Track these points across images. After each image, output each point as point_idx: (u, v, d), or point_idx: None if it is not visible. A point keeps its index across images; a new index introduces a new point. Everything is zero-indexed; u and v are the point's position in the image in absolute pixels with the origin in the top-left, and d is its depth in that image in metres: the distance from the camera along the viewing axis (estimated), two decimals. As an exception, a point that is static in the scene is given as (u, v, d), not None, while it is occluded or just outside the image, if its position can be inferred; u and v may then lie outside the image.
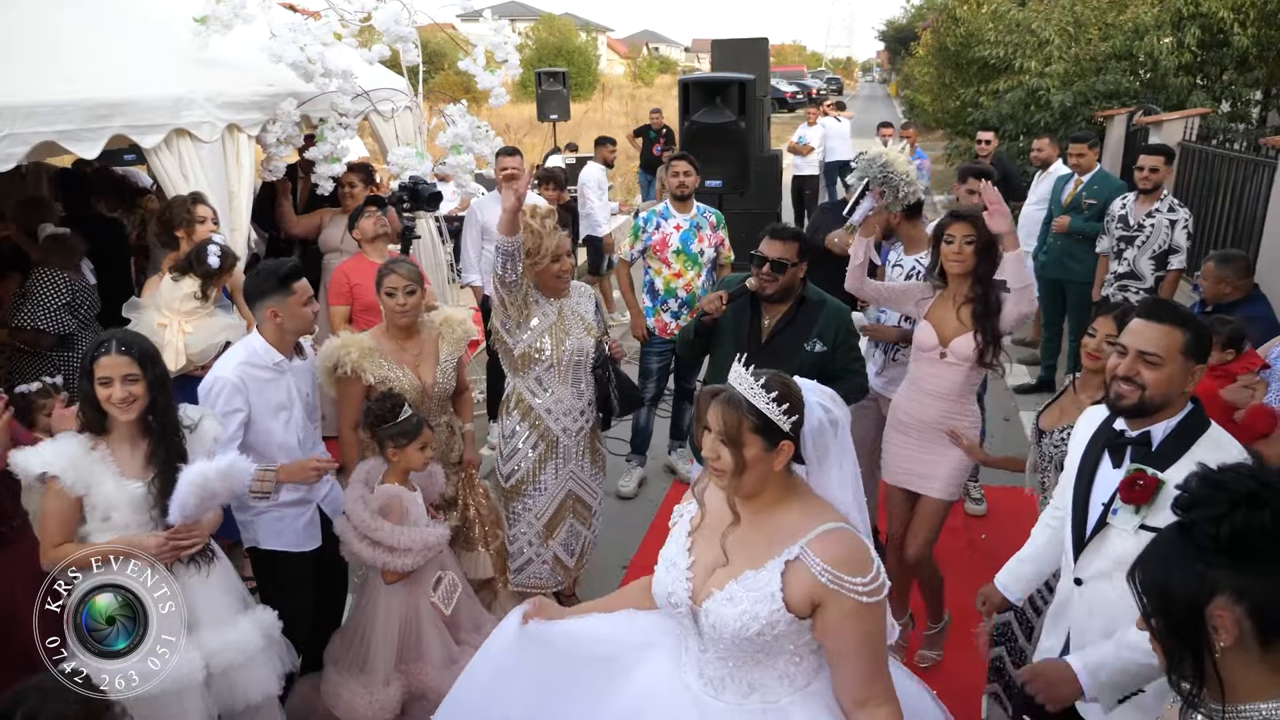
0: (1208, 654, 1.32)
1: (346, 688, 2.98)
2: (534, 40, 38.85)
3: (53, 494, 2.44)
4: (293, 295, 2.93)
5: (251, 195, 4.57)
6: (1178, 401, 2.14)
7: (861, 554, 1.77)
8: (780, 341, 3.40)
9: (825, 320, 3.41)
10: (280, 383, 2.99)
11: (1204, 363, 2.15)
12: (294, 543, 3.05)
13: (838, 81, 50.14)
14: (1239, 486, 1.32)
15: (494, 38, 5.29)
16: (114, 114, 3.77)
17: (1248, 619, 1.29)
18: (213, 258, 3.77)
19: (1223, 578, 1.30)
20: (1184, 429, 2.13)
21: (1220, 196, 6.83)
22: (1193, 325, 2.12)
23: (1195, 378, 2.13)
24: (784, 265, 3.31)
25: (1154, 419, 2.15)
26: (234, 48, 4.53)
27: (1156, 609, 1.38)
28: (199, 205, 3.95)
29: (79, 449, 2.44)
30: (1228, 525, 1.30)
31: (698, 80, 5.46)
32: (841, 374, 3.38)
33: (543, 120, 12.10)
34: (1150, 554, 1.42)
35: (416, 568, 3.00)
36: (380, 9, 4.82)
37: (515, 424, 3.55)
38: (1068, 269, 6.27)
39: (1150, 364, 2.09)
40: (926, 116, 20.84)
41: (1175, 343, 2.09)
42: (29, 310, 4.04)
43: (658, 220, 4.99)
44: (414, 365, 3.36)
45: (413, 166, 4.87)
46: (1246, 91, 10.78)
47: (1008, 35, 12.24)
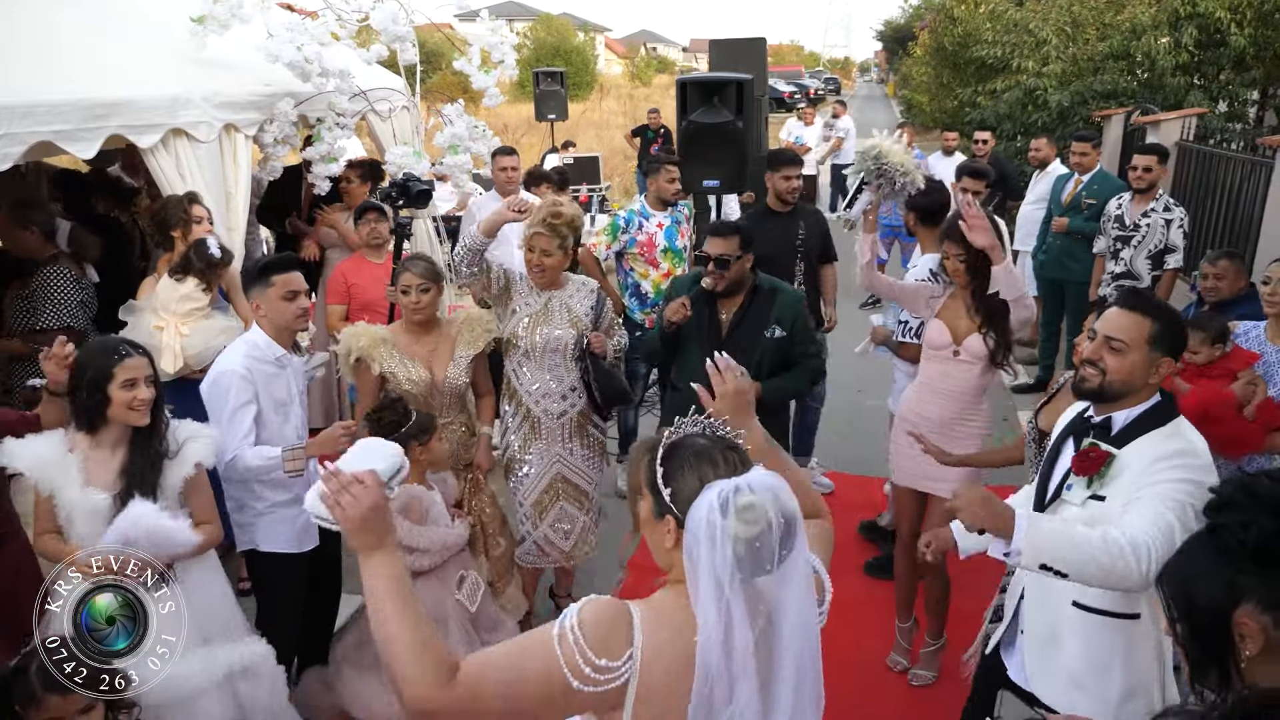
0: (1232, 662, 1.28)
1: (366, 685, 2.99)
2: (532, 40, 38.84)
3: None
4: (271, 287, 2.90)
5: (249, 195, 4.56)
6: (1142, 392, 2.14)
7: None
8: (740, 333, 3.50)
9: (781, 306, 3.52)
10: (281, 378, 3.00)
11: (1173, 356, 2.12)
12: (291, 544, 3.05)
13: (835, 81, 50.13)
14: (1269, 492, 1.29)
15: (491, 37, 5.29)
16: (111, 114, 3.75)
17: (1275, 628, 1.24)
18: (214, 249, 3.77)
19: (1249, 584, 1.26)
20: (1146, 417, 2.13)
21: (1217, 196, 6.84)
22: (1165, 318, 2.12)
23: (1161, 370, 2.11)
24: (727, 260, 3.42)
25: (1116, 406, 2.15)
26: (231, 48, 4.52)
27: (1182, 614, 1.34)
28: (194, 205, 3.93)
29: (51, 450, 2.44)
30: (1255, 531, 1.27)
31: (695, 80, 5.44)
32: (798, 360, 3.53)
33: (540, 120, 12.10)
34: (1177, 558, 1.40)
35: (434, 567, 3.03)
36: (378, 9, 4.81)
37: (505, 403, 3.67)
38: (1066, 269, 6.28)
39: (1114, 350, 2.11)
40: (924, 116, 20.84)
41: (1142, 331, 2.09)
42: (51, 309, 3.92)
43: (639, 220, 4.98)
44: (427, 359, 3.40)
45: (410, 166, 4.86)
46: (1243, 91, 10.78)
47: (1005, 35, 12.24)
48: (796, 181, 4.84)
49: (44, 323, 3.91)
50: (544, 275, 3.52)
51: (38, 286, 3.98)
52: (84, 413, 2.47)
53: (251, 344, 2.97)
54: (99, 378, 2.44)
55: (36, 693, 1.97)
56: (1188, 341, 2.23)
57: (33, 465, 2.40)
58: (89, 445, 2.48)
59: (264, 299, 2.92)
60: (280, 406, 2.97)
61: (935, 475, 3.37)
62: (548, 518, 3.66)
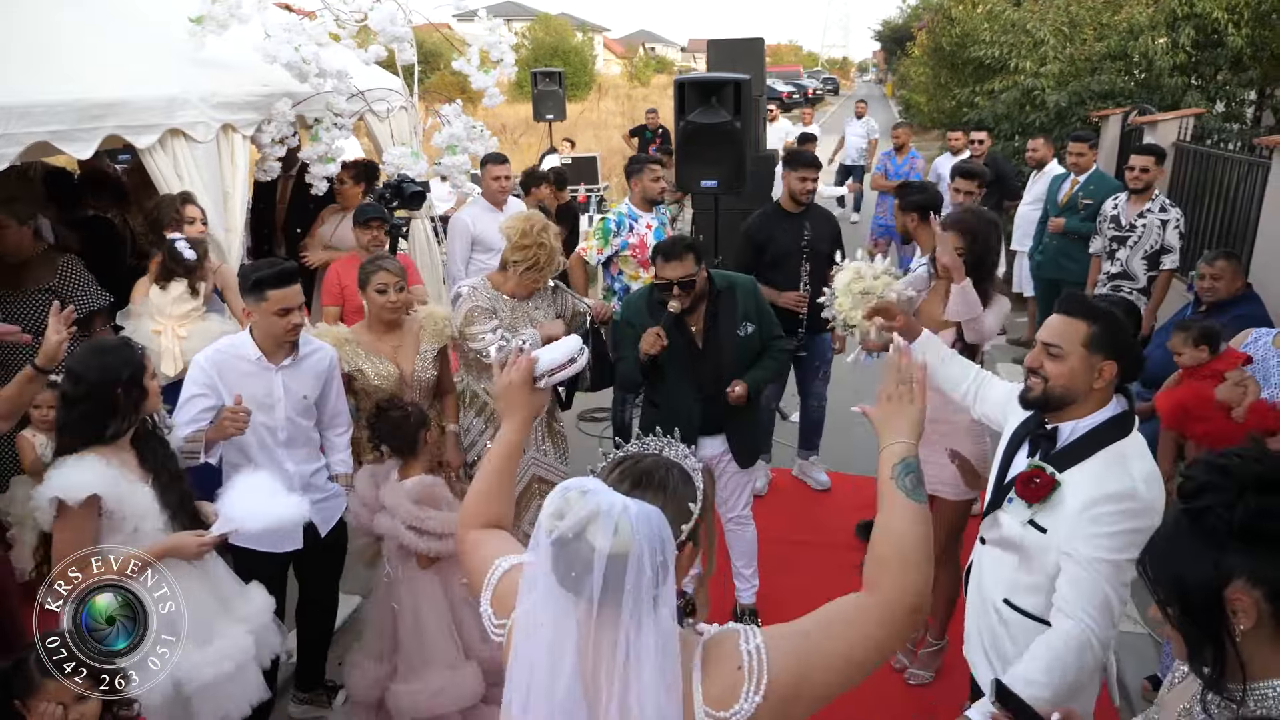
0: (1227, 638, 1.32)
1: (428, 681, 3.00)
2: (530, 40, 38.86)
3: (82, 518, 2.33)
4: (265, 302, 2.88)
5: (246, 196, 4.56)
6: (1089, 400, 2.10)
7: None
8: (713, 339, 3.53)
9: (742, 300, 3.55)
10: (259, 378, 2.97)
11: (1117, 359, 2.08)
12: (269, 543, 2.99)
13: (834, 81, 50.17)
14: (1245, 471, 1.32)
15: (489, 37, 5.29)
16: (108, 114, 3.76)
17: (1266, 602, 1.29)
18: (187, 252, 3.75)
19: (1238, 562, 1.29)
20: (1099, 431, 2.08)
21: (1214, 196, 6.84)
22: (1102, 319, 2.09)
23: (1105, 374, 2.08)
24: (691, 281, 3.40)
25: (1065, 415, 2.13)
26: (229, 48, 4.52)
27: (1171, 597, 1.37)
28: (188, 205, 3.92)
29: (104, 466, 2.38)
30: (1240, 510, 1.29)
31: (693, 80, 5.44)
32: (769, 351, 3.61)
33: (539, 120, 12.10)
34: (1159, 543, 1.42)
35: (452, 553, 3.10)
36: (376, 9, 4.81)
37: (471, 419, 3.77)
38: (1063, 269, 6.29)
39: (1052, 355, 2.10)
40: (922, 116, 20.84)
41: (1077, 334, 2.07)
42: (83, 298, 3.89)
43: (629, 223, 4.99)
44: (393, 355, 3.48)
45: (408, 166, 4.86)
46: (1241, 92, 10.78)
47: (1003, 35, 12.24)
48: (812, 184, 4.82)
49: (81, 309, 3.89)
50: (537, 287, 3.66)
51: (63, 279, 3.96)
52: (121, 415, 2.42)
53: (232, 341, 3.00)
54: (137, 372, 2.44)
55: (35, 681, 1.98)
56: (1132, 344, 2.18)
57: (107, 485, 2.34)
58: (115, 452, 2.44)
59: (256, 309, 2.91)
60: (257, 408, 2.89)
61: (931, 475, 3.34)
62: (526, 515, 3.76)
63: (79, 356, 2.47)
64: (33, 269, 3.96)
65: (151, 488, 2.48)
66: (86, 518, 2.34)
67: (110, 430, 2.42)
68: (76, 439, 2.42)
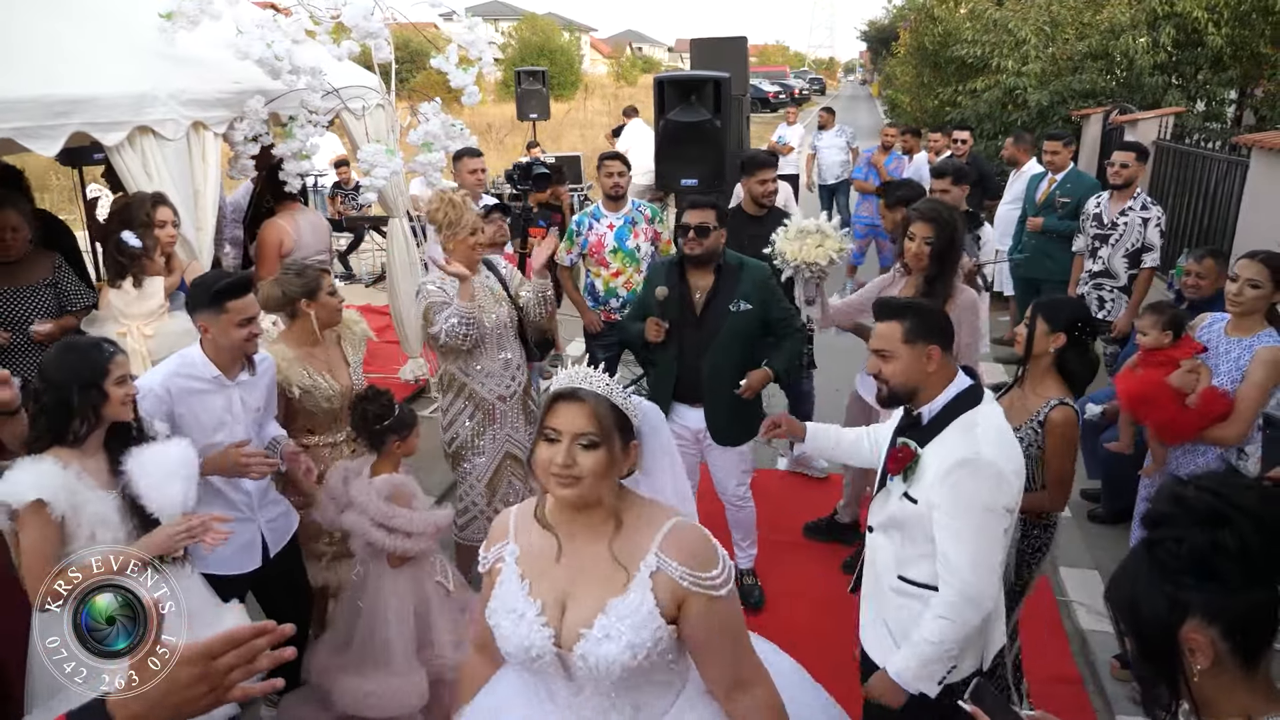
0: (1182, 678, 1.26)
1: (376, 682, 2.96)
2: (517, 40, 38.78)
3: (36, 524, 2.25)
4: (225, 314, 2.76)
5: (218, 194, 4.49)
6: (932, 382, 2.32)
7: (707, 547, 1.71)
8: (711, 310, 3.64)
9: (746, 280, 3.64)
10: (218, 396, 2.85)
11: (936, 341, 2.30)
12: (229, 565, 2.89)
13: (820, 81, 50.30)
14: (1199, 503, 1.25)
15: (467, 35, 5.24)
16: (74, 110, 3.68)
17: (1222, 640, 1.22)
18: (132, 240, 3.70)
19: (1193, 599, 1.23)
20: (947, 410, 2.31)
21: (1194, 194, 6.87)
22: (909, 312, 2.34)
23: (934, 357, 2.29)
24: (707, 229, 3.59)
25: (919, 401, 2.34)
26: (200, 44, 4.46)
27: (1130, 630, 1.32)
28: (160, 207, 3.84)
29: (59, 470, 2.29)
30: (1187, 546, 1.23)
31: (672, 79, 5.41)
32: (783, 335, 3.69)
33: (523, 119, 12.05)
34: (1120, 574, 1.36)
35: (424, 551, 3.07)
36: (349, 5, 4.75)
37: (451, 401, 3.76)
38: (1044, 268, 6.30)
39: (883, 357, 2.34)
40: (906, 116, 20.92)
41: (895, 333, 2.32)
42: (78, 292, 3.93)
43: (590, 222, 4.99)
44: (328, 370, 3.29)
45: (382, 164, 4.81)
46: (1221, 91, 10.87)
47: (985, 34, 12.29)
48: (772, 185, 4.86)
49: (75, 305, 3.95)
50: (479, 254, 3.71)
51: (60, 274, 3.95)
52: (79, 417, 2.34)
53: (185, 360, 2.85)
54: (96, 375, 2.34)
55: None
56: (945, 321, 2.39)
57: (56, 488, 2.26)
58: (78, 457, 2.36)
59: (214, 323, 2.79)
60: (216, 428, 2.80)
61: None
62: (499, 494, 3.81)
63: (50, 354, 2.43)
64: (30, 264, 3.92)
65: (118, 496, 2.39)
66: (43, 522, 2.26)
67: (71, 433, 2.35)
68: (43, 438, 2.36)
